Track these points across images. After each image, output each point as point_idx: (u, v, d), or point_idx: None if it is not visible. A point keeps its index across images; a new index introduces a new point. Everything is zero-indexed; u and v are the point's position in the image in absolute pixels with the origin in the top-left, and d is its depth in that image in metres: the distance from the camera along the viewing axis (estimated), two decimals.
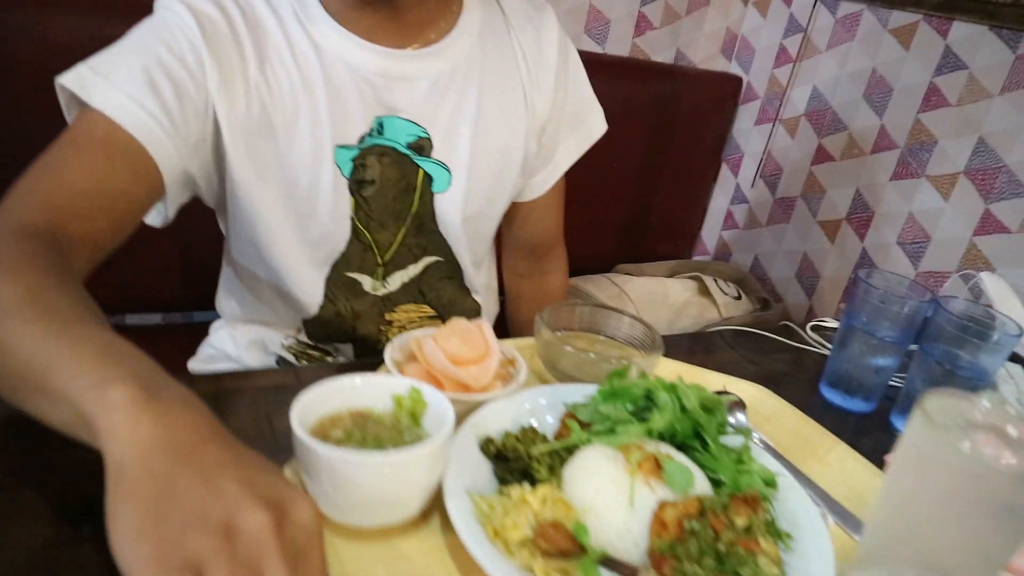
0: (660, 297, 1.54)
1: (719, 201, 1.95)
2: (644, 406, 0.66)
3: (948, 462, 0.46)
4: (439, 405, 0.61)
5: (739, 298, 1.62)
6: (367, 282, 0.94)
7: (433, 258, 0.97)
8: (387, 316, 0.98)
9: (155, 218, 0.82)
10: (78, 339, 0.48)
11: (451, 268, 0.99)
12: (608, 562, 0.55)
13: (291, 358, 0.99)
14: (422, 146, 0.90)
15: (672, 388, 0.66)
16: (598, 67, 1.64)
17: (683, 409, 0.66)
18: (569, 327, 0.89)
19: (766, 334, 1.06)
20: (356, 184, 0.87)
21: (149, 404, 0.42)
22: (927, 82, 1.38)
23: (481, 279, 1.06)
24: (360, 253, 0.92)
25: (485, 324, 0.77)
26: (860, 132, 1.53)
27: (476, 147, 0.92)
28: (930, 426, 0.47)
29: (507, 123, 0.95)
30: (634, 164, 1.77)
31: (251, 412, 0.70)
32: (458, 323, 0.75)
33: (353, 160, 0.86)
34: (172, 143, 0.74)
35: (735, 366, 0.91)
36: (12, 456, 0.58)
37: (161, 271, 1.34)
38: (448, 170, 0.91)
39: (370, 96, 0.85)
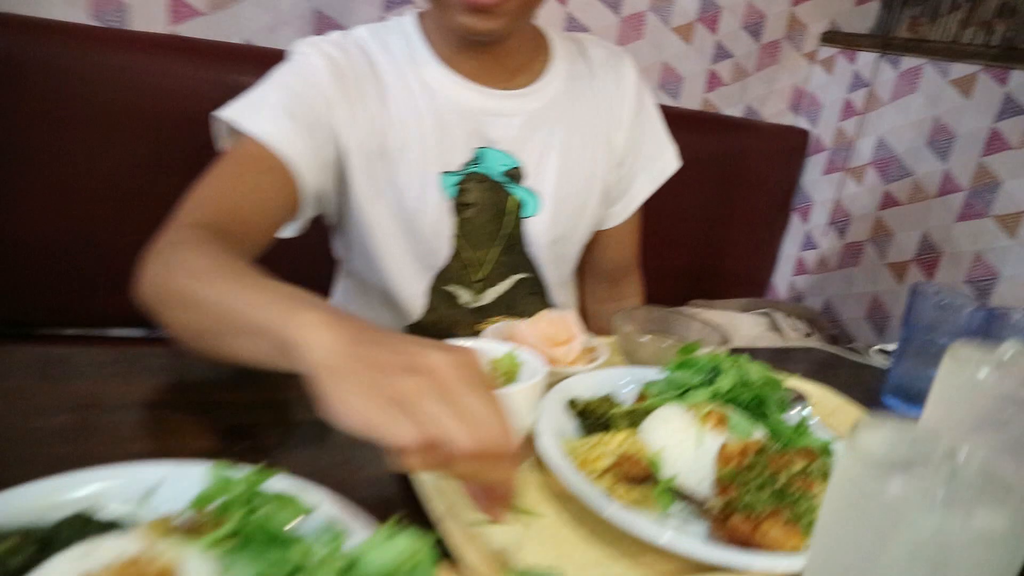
0: (730, 330, 1.60)
1: (789, 248, 2.02)
2: (710, 378, 0.75)
3: (972, 389, 0.54)
4: (532, 363, 0.71)
5: (810, 336, 1.67)
6: (464, 295, 1.07)
7: (521, 276, 1.09)
8: (478, 326, 1.10)
9: (290, 230, 0.96)
10: (267, 289, 0.61)
11: (537, 285, 1.11)
12: (679, 494, 0.63)
13: None
14: (514, 175, 1.03)
15: (736, 362, 0.75)
16: (671, 119, 1.76)
17: (746, 384, 0.75)
18: (644, 328, 0.98)
19: (831, 348, 1.12)
20: (459, 207, 1.01)
21: (336, 320, 0.54)
22: (989, 128, 1.45)
23: (562, 299, 1.17)
24: (459, 269, 1.05)
25: (570, 314, 0.87)
26: (925, 177, 1.59)
27: (563, 177, 1.04)
28: (956, 364, 0.55)
29: (590, 157, 1.07)
30: (705, 212, 1.87)
31: None
32: (547, 312, 0.86)
33: (457, 184, 1.00)
34: (307, 163, 0.88)
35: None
36: (181, 392, 0.72)
37: None
38: (537, 197, 1.04)
39: (472, 129, 0.99)
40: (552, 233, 1.06)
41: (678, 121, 1.79)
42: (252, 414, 0.71)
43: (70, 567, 0.42)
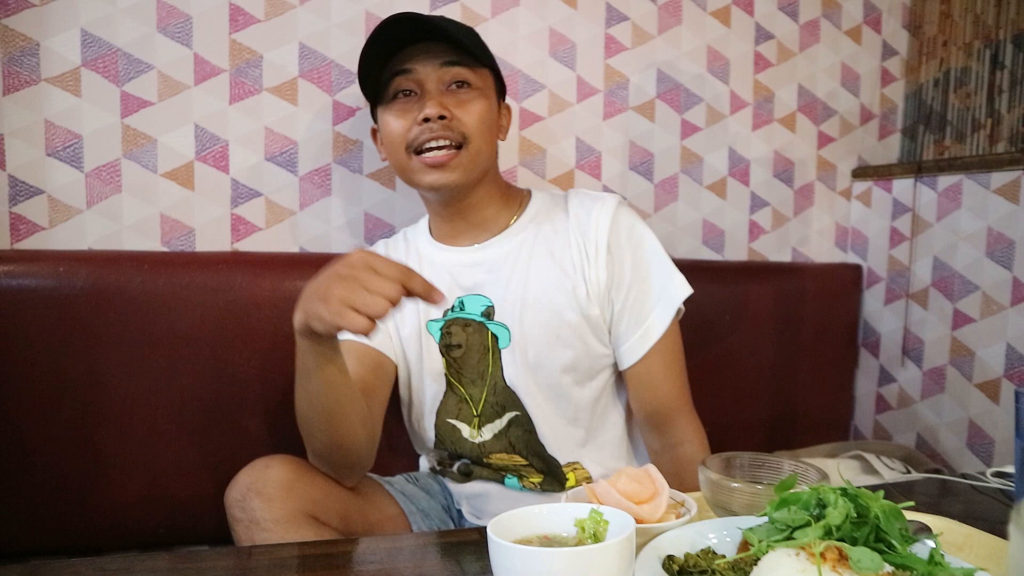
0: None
1: (865, 386, 1.93)
2: (817, 513, 0.68)
3: None
4: (619, 520, 0.66)
5: (909, 473, 1.55)
6: (465, 430, 1.19)
7: (514, 414, 1.17)
8: (486, 460, 1.18)
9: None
10: None
11: (528, 422, 1.17)
12: None
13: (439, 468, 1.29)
14: (490, 313, 1.17)
15: (845, 492, 0.68)
16: (718, 273, 1.78)
17: (860, 516, 0.68)
18: (731, 475, 0.92)
19: (943, 476, 1.03)
20: (446, 348, 1.18)
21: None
22: None
23: (561, 438, 1.17)
24: (456, 404, 1.19)
25: (652, 468, 0.82)
26: (993, 287, 1.54)
27: (525, 308, 1.14)
28: None
29: (557, 288, 1.14)
30: (768, 361, 1.82)
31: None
32: (628, 469, 0.82)
33: (440, 329, 1.18)
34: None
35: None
36: None
37: None
38: (508, 329, 1.15)
39: (451, 281, 1.18)
40: (523, 361, 1.14)
41: (725, 274, 1.80)
42: None
43: None
